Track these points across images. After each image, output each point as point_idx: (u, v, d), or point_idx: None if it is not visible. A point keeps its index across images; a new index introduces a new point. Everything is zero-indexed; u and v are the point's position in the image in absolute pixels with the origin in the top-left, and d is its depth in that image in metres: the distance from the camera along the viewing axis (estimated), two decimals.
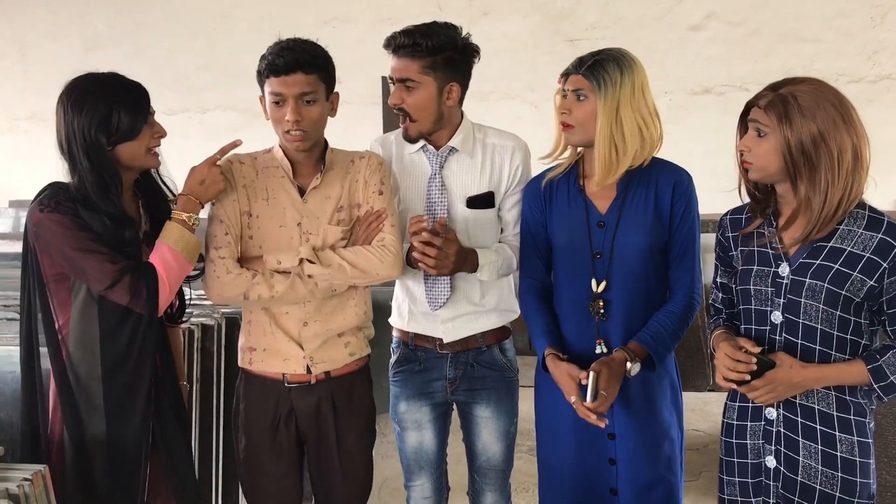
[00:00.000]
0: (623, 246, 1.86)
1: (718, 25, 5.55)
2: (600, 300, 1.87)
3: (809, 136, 1.53)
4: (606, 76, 1.77)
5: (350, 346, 1.97)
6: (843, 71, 5.41)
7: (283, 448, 1.96)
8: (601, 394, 1.76)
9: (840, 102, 1.56)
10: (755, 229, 1.71)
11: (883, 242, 1.56)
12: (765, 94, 1.61)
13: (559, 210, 1.94)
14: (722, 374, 1.61)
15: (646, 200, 1.86)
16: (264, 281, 1.84)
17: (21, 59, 6.69)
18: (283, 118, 1.81)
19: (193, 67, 6.41)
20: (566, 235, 1.92)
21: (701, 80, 5.53)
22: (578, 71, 1.81)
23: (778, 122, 1.56)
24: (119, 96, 1.74)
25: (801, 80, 1.60)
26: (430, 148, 2.03)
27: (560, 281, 1.97)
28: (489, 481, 2.16)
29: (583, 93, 1.81)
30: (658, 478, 1.90)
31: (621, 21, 5.67)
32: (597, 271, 1.88)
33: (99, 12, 6.54)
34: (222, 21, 6.32)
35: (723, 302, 1.83)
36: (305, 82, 1.80)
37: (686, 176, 1.90)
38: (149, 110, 1.79)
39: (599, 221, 1.89)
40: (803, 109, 1.54)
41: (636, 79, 1.79)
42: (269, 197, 1.91)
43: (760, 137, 1.60)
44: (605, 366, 1.80)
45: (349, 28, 5.89)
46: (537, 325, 1.96)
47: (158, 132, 1.81)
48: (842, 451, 1.60)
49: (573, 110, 1.83)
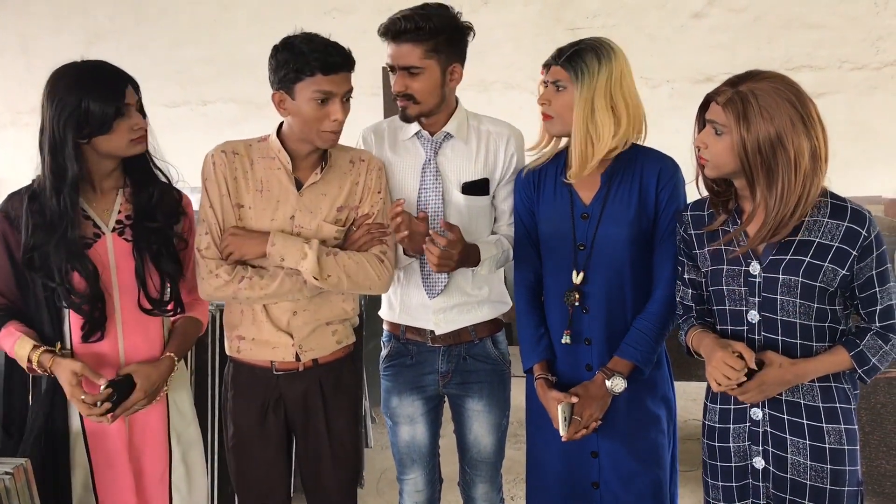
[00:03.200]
0: (605, 238, 1.85)
1: (721, 13, 5.51)
2: (576, 292, 1.87)
3: (767, 138, 1.51)
4: (584, 66, 1.76)
5: (337, 334, 1.98)
6: (847, 58, 5.37)
7: (272, 435, 1.96)
8: (575, 419, 1.80)
9: (800, 100, 1.52)
10: (719, 226, 1.68)
11: (849, 230, 1.55)
12: (724, 89, 1.57)
13: (546, 201, 1.93)
14: (719, 382, 1.59)
15: (630, 191, 1.85)
16: (251, 285, 1.84)
17: (23, 52, 6.69)
18: (325, 117, 1.80)
19: (195, 60, 6.39)
20: (552, 226, 1.92)
21: (703, 67, 5.49)
22: (558, 62, 1.80)
23: (735, 121, 1.53)
24: (91, 88, 1.69)
25: (763, 76, 1.56)
26: (425, 134, 2.02)
27: (546, 272, 1.96)
28: (480, 473, 2.15)
29: (561, 83, 1.80)
30: (640, 470, 1.90)
31: (623, 9, 5.64)
32: (578, 262, 1.88)
33: (100, 5, 6.53)
34: (223, 13, 6.31)
35: (692, 298, 1.80)
36: (350, 80, 1.82)
37: (671, 164, 1.88)
38: (125, 101, 1.72)
39: (584, 213, 1.88)
40: (762, 109, 1.51)
41: (614, 68, 1.77)
42: (262, 188, 1.89)
43: (717, 135, 1.58)
44: (582, 389, 1.83)
45: (349, 19, 5.87)
46: (526, 331, 1.96)
47: (138, 125, 1.75)
48: (830, 442, 1.59)
49: (552, 101, 1.83)
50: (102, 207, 1.84)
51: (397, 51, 1.90)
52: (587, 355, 1.90)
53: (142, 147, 1.80)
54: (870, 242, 1.55)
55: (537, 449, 2.02)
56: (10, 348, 1.76)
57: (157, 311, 1.87)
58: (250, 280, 1.84)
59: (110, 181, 1.84)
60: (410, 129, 2.03)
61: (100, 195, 1.84)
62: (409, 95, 1.93)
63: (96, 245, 1.80)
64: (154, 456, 1.91)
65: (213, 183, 1.87)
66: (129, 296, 1.83)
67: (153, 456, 1.91)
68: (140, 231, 1.83)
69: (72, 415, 1.82)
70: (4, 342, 1.77)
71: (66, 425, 1.81)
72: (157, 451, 1.91)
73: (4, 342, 1.77)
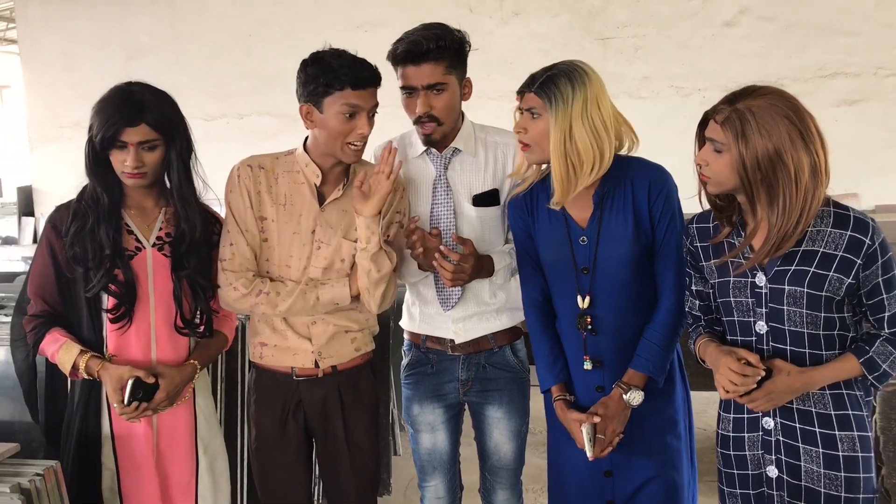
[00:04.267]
0: (607, 260, 1.84)
1: (752, 20, 5.48)
2: (587, 316, 1.87)
3: (766, 155, 1.51)
4: (557, 93, 1.73)
5: (356, 342, 2.02)
6: (881, 64, 5.31)
7: (292, 440, 2.01)
8: (599, 437, 1.81)
9: (798, 115, 1.52)
10: (724, 239, 1.68)
11: (853, 239, 1.54)
12: (721, 108, 1.57)
13: (542, 226, 1.92)
14: (727, 389, 1.59)
15: (624, 208, 1.84)
16: (268, 300, 1.90)
17: (66, 68, 6.89)
18: (351, 130, 1.84)
19: (231, 74, 6.53)
20: (552, 252, 1.91)
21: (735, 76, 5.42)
22: (531, 88, 1.78)
23: (734, 139, 1.53)
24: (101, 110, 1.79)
25: (760, 92, 1.55)
26: (434, 151, 2.05)
27: (555, 297, 1.96)
28: (500, 480, 2.17)
29: (536, 111, 1.78)
30: (655, 475, 1.90)
31: (652, 18, 5.64)
32: (582, 287, 1.87)
33: (139, 22, 6.71)
34: (258, 28, 6.43)
35: (700, 309, 1.80)
36: (376, 96, 1.87)
37: (661, 173, 1.86)
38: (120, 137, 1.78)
39: (581, 237, 1.87)
40: (760, 126, 1.51)
41: (588, 92, 1.74)
42: (286, 202, 1.94)
43: (717, 152, 1.58)
44: (601, 408, 1.83)
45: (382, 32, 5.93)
46: (541, 353, 1.96)
47: (126, 162, 1.79)
48: (843, 449, 1.59)
49: (528, 129, 1.80)
50: (145, 223, 1.92)
51: (418, 72, 1.92)
52: (598, 377, 1.90)
53: (133, 182, 1.84)
54: (874, 250, 1.54)
55: (558, 465, 2.02)
56: (54, 353, 1.84)
57: (188, 332, 1.94)
58: (267, 295, 1.90)
59: (150, 201, 1.93)
60: (417, 147, 2.07)
61: (145, 212, 1.93)
62: (433, 117, 1.96)
63: (137, 258, 1.89)
64: (181, 464, 1.97)
65: (237, 196, 1.93)
66: (163, 310, 1.91)
67: (180, 464, 1.96)
68: (178, 253, 1.90)
69: (102, 418, 1.89)
70: (48, 348, 1.85)
71: (98, 428, 1.89)
72: (185, 460, 1.97)
73: (48, 348, 1.85)
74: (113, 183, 1.86)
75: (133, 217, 1.91)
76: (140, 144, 1.79)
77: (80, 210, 1.85)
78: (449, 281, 1.90)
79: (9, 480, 1.74)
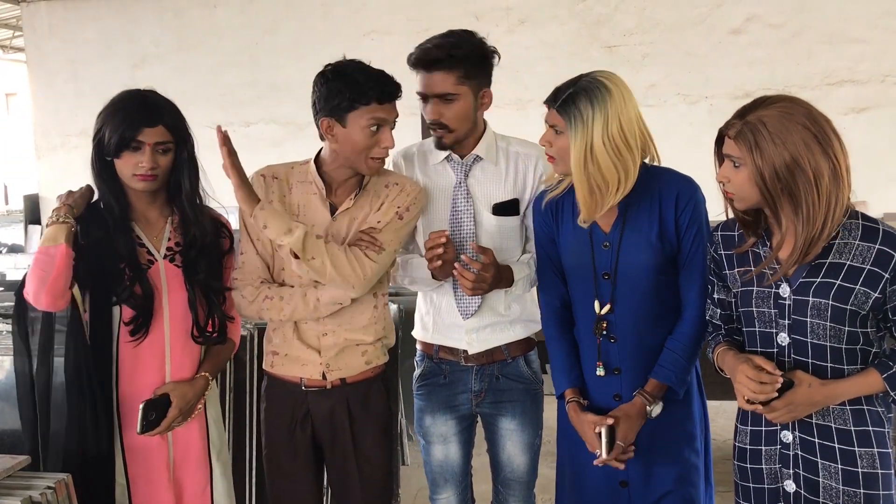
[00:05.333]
0: (628, 266, 1.83)
1: (760, 28, 5.47)
2: (604, 321, 1.86)
3: (783, 163, 1.49)
4: (577, 113, 1.72)
5: (367, 355, 1.99)
6: (889, 72, 5.29)
7: (299, 449, 2.00)
8: (618, 444, 1.77)
9: (813, 121, 1.50)
10: (749, 248, 1.66)
11: (881, 253, 1.52)
12: (733, 122, 1.55)
13: (566, 230, 1.91)
14: (746, 397, 1.57)
15: (649, 217, 1.83)
16: (272, 306, 1.90)
17: (73, 77, 6.93)
18: (375, 144, 1.84)
19: (237, 82, 6.55)
20: (574, 256, 1.90)
21: (742, 84, 5.45)
22: (554, 105, 1.78)
23: (749, 151, 1.51)
24: (112, 114, 1.78)
25: (770, 101, 1.53)
26: (455, 157, 2.04)
27: (575, 303, 1.95)
28: (513, 493, 2.15)
29: (558, 128, 1.78)
30: (672, 489, 1.88)
31: (659, 26, 5.64)
32: (601, 292, 1.86)
33: (146, 31, 6.74)
34: (264, 37, 6.46)
35: (721, 318, 1.78)
36: (396, 108, 1.86)
37: (689, 185, 1.85)
38: (138, 137, 1.76)
39: (604, 242, 1.86)
40: (773, 136, 1.49)
41: (609, 110, 1.71)
42: (300, 213, 1.94)
43: (736, 168, 1.56)
44: (622, 414, 1.80)
45: (388, 40, 5.96)
46: (557, 358, 1.95)
47: (141, 164, 1.78)
48: (863, 466, 1.56)
49: (553, 143, 1.80)
50: (154, 235, 1.91)
51: (429, 79, 1.92)
52: (616, 385, 1.88)
53: (143, 185, 1.81)
54: None
55: (573, 476, 2.00)
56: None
57: (203, 341, 1.93)
58: (271, 301, 1.90)
59: (154, 211, 1.91)
60: (440, 153, 2.05)
61: (150, 224, 1.92)
62: (442, 124, 1.95)
63: (150, 271, 1.87)
64: (197, 473, 1.96)
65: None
66: (177, 320, 1.90)
67: (196, 473, 1.96)
68: (189, 259, 1.89)
69: (115, 433, 1.87)
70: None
71: (110, 443, 1.87)
72: (199, 468, 1.96)
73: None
74: (119, 191, 1.84)
75: (142, 229, 1.90)
76: (156, 145, 1.79)
77: (92, 220, 1.82)
78: (469, 290, 1.88)
79: (20, 493, 1.71)
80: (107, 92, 1.89)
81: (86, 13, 6.86)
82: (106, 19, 6.81)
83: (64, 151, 6.97)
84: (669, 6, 5.61)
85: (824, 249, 1.55)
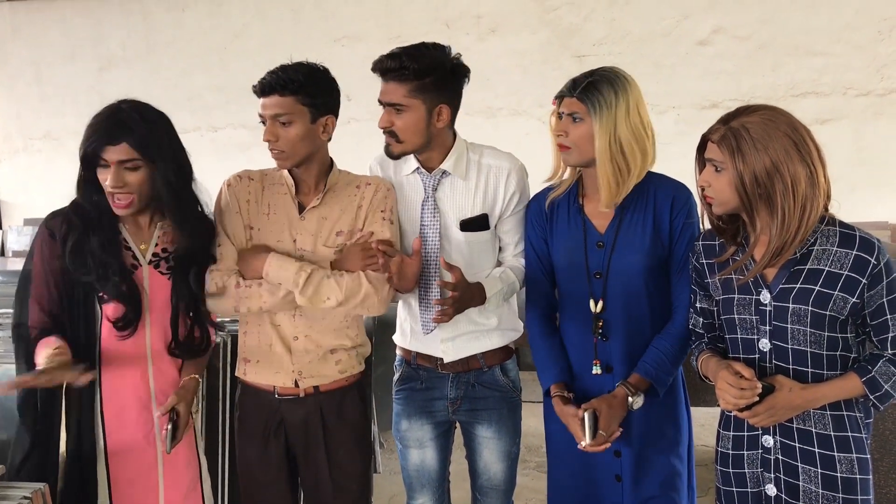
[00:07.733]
0: (621, 266, 1.86)
1: (726, 40, 5.57)
2: (600, 320, 1.88)
3: (763, 168, 1.53)
4: (601, 98, 1.77)
5: (341, 364, 1.99)
6: (851, 84, 5.41)
7: (273, 458, 1.99)
8: (600, 433, 1.79)
9: (794, 129, 1.55)
10: (729, 257, 1.70)
11: (858, 259, 1.56)
12: (717, 127, 1.60)
13: (559, 230, 1.94)
14: (728, 402, 1.60)
15: (644, 218, 1.87)
16: (249, 294, 1.89)
17: (36, 80, 6.79)
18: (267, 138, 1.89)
19: (205, 86, 6.49)
20: (566, 256, 1.93)
21: (709, 94, 5.54)
22: (573, 94, 1.81)
23: (730, 156, 1.56)
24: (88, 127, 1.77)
25: (753, 109, 1.59)
26: (423, 170, 2.03)
27: (563, 301, 1.98)
28: (491, 500, 2.15)
29: (578, 115, 1.81)
30: (658, 494, 1.90)
31: (628, 37, 5.71)
32: (594, 291, 1.89)
33: (112, 34, 6.64)
34: (234, 40, 6.41)
35: (703, 327, 1.82)
36: (279, 104, 1.84)
37: (685, 190, 1.89)
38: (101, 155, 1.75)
39: (598, 241, 1.89)
40: (755, 142, 1.53)
41: (630, 97, 1.79)
42: (270, 212, 1.96)
43: (718, 172, 1.60)
44: (605, 403, 1.82)
45: (359, 46, 5.96)
46: (542, 355, 1.97)
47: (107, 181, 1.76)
48: (841, 471, 1.59)
49: (569, 132, 1.83)
50: (142, 240, 1.90)
51: (384, 87, 1.93)
52: (609, 383, 1.90)
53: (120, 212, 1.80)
54: (879, 270, 1.56)
55: (559, 473, 2.02)
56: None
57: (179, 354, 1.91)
58: (248, 288, 1.89)
59: (144, 216, 1.89)
60: (410, 164, 2.04)
61: (139, 227, 1.90)
62: (392, 132, 1.95)
63: (133, 275, 1.85)
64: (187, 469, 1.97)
65: (227, 203, 1.96)
66: (159, 326, 1.88)
67: (186, 469, 1.97)
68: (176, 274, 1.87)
69: (97, 436, 1.86)
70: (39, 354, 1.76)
71: (93, 446, 1.85)
72: (189, 462, 1.97)
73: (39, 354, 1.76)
74: (102, 198, 1.81)
75: (129, 232, 1.88)
76: (121, 163, 1.75)
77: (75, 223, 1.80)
78: (441, 317, 1.87)
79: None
80: (72, 95, 1.87)
81: (50, 14, 6.74)
82: (71, 21, 6.69)
83: (26, 155, 6.83)
84: (638, 17, 5.68)
85: (803, 256, 1.59)
